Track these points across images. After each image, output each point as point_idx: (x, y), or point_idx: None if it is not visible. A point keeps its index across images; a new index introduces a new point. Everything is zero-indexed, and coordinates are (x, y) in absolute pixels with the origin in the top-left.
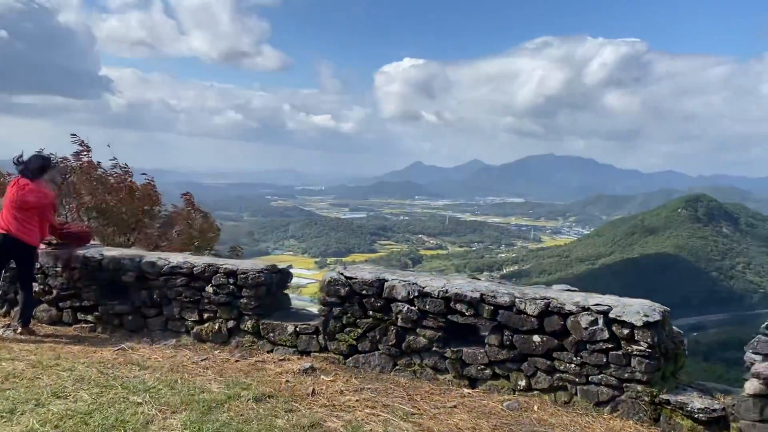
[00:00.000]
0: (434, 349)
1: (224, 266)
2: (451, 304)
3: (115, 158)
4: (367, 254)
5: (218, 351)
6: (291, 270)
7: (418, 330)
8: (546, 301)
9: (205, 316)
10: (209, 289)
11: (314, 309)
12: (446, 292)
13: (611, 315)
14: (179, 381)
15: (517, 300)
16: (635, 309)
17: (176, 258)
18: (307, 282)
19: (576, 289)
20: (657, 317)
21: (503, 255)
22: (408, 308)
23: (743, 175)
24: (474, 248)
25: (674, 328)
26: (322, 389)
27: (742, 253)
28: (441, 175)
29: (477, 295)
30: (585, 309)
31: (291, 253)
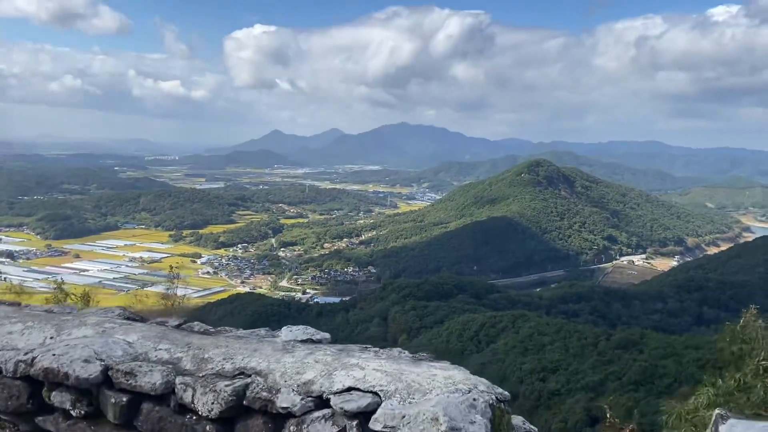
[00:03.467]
0: None
1: None
2: (45, 391)
3: None
4: (226, 225)
5: None
6: None
7: None
8: (240, 382)
9: None
10: None
11: None
12: (32, 362)
13: (378, 424)
14: None
15: (180, 383)
16: (392, 408)
17: None
18: (161, 256)
19: (326, 336)
20: (474, 427)
21: (362, 221)
22: None
23: (578, 141)
24: (334, 215)
25: (519, 422)
26: None
27: (579, 213)
28: (300, 144)
29: (96, 370)
30: (323, 403)
31: (143, 226)
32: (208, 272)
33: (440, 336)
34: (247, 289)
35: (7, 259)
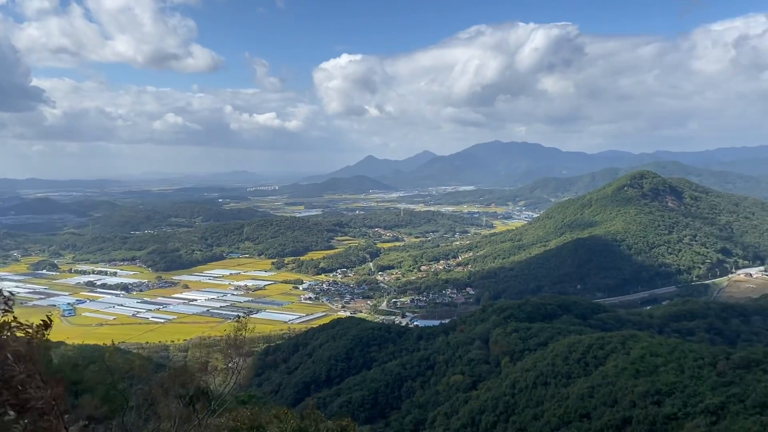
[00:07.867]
0: None
1: None
2: None
3: None
4: (325, 251)
5: None
6: None
7: None
8: None
9: None
10: None
11: None
12: None
13: None
14: None
15: None
16: None
17: None
18: (265, 284)
19: None
20: None
21: (458, 243)
22: None
23: (683, 149)
24: (429, 237)
25: None
26: None
27: (689, 226)
28: (393, 168)
29: None
30: None
31: (247, 255)
32: (309, 298)
33: (545, 359)
34: (347, 314)
35: (122, 292)
